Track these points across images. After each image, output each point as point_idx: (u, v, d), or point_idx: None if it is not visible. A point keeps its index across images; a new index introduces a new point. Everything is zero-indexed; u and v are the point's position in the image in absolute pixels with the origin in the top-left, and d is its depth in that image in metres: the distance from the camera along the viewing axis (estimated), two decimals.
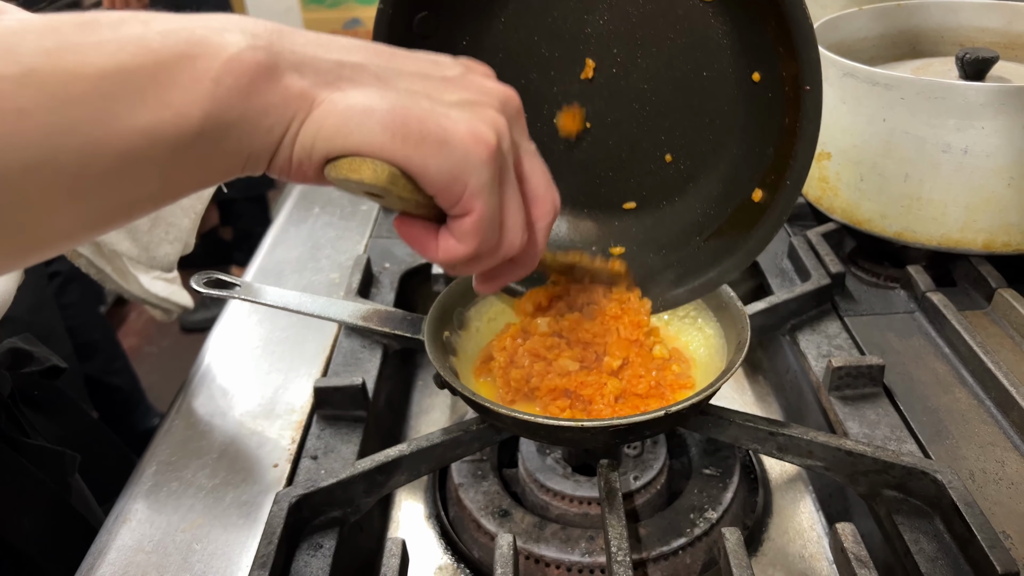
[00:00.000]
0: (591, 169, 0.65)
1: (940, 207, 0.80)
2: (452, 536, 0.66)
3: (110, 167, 0.31)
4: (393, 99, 0.36)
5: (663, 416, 0.53)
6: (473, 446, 0.62)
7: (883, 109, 0.80)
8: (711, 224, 0.63)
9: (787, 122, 0.56)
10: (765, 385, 0.84)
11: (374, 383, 0.73)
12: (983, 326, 0.77)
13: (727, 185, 0.62)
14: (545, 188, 0.44)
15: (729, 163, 0.61)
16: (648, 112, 0.62)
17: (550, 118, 0.64)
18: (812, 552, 0.64)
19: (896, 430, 0.65)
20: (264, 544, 0.53)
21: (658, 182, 0.64)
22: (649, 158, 0.64)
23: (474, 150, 0.38)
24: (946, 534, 0.55)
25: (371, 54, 0.38)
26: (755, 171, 0.60)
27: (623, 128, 0.63)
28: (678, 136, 0.62)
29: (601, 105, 0.63)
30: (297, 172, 0.37)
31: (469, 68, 0.42)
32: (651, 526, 0.60)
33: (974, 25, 0.97)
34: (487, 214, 0.39)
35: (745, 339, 0.59)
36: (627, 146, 0.64)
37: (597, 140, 0.64)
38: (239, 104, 0.33)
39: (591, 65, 0.62)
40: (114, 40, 0.31)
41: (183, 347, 2.80)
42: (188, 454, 0.68)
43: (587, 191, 0.66)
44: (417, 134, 0.36)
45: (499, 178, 0.40)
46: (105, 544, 0.60)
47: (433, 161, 0.37)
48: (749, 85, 0.58)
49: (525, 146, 0.43)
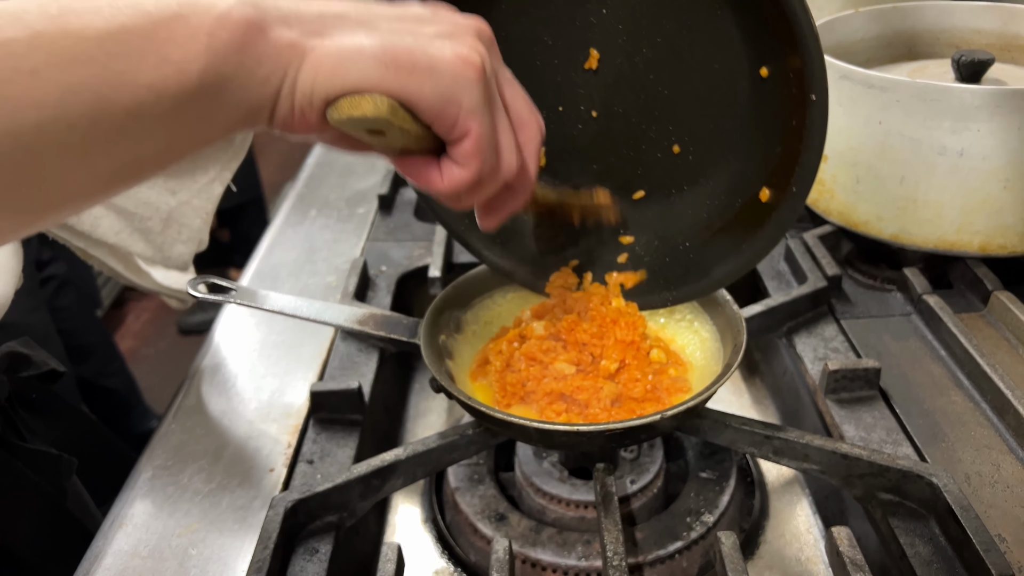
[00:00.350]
0: (599, 159, 0.65)
1: (936, 209, 0.80)
2: (449, 540, 0.66)
3: (118, 123, 0.33)
4: (379, 37, 0.38)
5: (659, 420, 0.53)
6: (469, 450, 0.62)
7: (879, 111, 0.80)
8: (719, 219, 0.63)
9: (794, 124, 0.56)
10: (762, 388, 0.84)
11: (370, 387, 0.73)
12: (979, 328, 0.77)
13: (735, 179, 0.62)
14: (528, 112, 0.45)
15: (737, 157, 0.61)
16: (655, 103, 0.62)
17: (555, 107, 0.64)
18: (808, 555, 0.64)
19: (892, 433, 0.65)
20: (260, 549, 0.53)
21: (666, 173, 0.64)
22: (657, 148, 0.63)
23: (463, 72, 0.40)
24: (941, 537, 0.55)
25: (349, 4, 0.40)
26: (763, 168, 0.60)
27: (630, 118, 0.63)
28: (686, 127, 0.62)
29: (607, 95, 0.63)
30: (301, 121, 0.39)
31: (437, 8, 0.44)
32: (647, 530, 0.60)
33: (970, 27, 0.98)
34: (484, 132, 0.41)
35: (741, 342, 0.59)
36: (634, 136, 0.64)
37: (604, 130, 0.64)
38: (234, 56, 0.35)
39: (595, 55, 0.62)
40: (112, 4, 0.33)
41: (180, 349, 2.80)
42: (184, 458, 0.68)
43: (595, 181, 0.65)
44: (408, 63, 0.38)
45: (488, 99, 0.41)
46: (101, 549, 0.60)
47: (427, 86, 0.39)
48: (757, 80, 0.58)
49: (503, 74, 0.44)
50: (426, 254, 0.93)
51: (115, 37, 0.32)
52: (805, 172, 0.57)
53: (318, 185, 1.17)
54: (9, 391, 0.79)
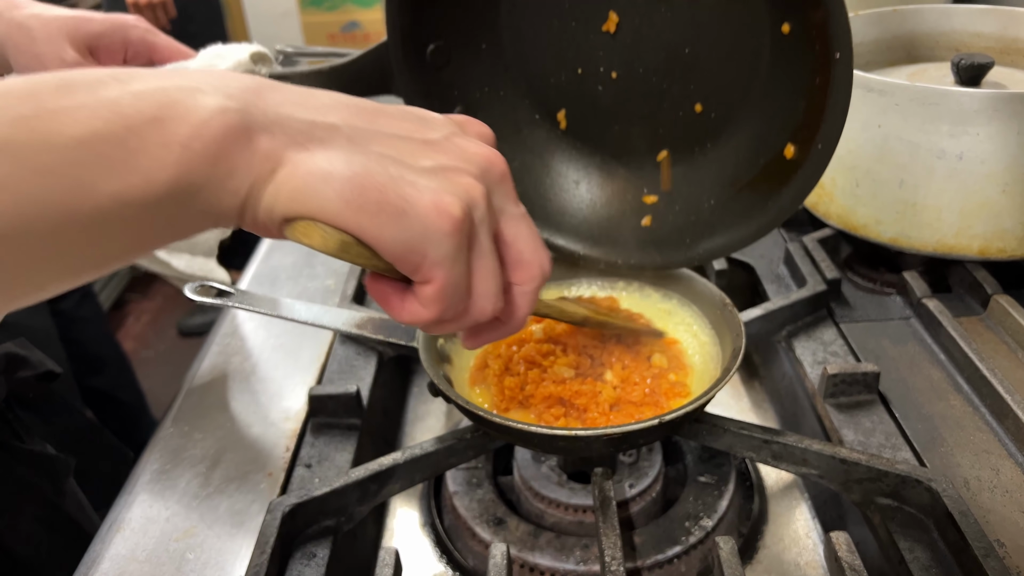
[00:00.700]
0: (621, 120, 0.65)
1: (935, 213, 0.80)
2: (447, 544, 0.66)
3: (81, 230, 0.32)
4: (357, 165, 0.36)
5: (657, 425, 0.53)
6: (467, 454, 0.62)
7: (878, 115, 0.80)
8: (743, 176, 0.63)
9: (818, 82, 0.55)
10: (761, 392, 0.83)
11: (369, 391, 0.73)
12: (978, 332, 0.76)
13: (758, 136, 0.62)
14: (531, 252, 0.42)
15: (760, 114, 0.61)
16: (675, 62, 0.62)
17: (575, 69, 0.64)
18: (807, 560, 0.64)
19: (891, 437, 0.65)
20: (257, 553, 0.53)
21: (689, 132, 0.64)
22: (679, 108, 0.63)
23: (435, 222, 0.37)
24: (940, 542, 0.55)
25: (350, 113, 0.38)
26: (786, 124, 0.59)
27: (651, 79, 0.63)
28: (707, 86, 0.62)
29: (627, 56, 0.63)
30: (263, 229, 0.37)
31: (459, 128, 0.41)
32: (646, 534, 0.60)
33: (969, 30, 0.98)
34: (449, 283, 0.39)
35: (740, 346, 0.59)
36: (656, 96, 0.63)
37: (625, 90, 0.64)
38: (207, 168, 0.33)
39: (614, 18, 0.61)
40: (89, 105, 0.31)
41: (180, 351, 2.80)
42: (182, 462, 0.68)
43: (618, 142, 0.65)
44: (374, 204, 0.36)
45: (467, 247, 0.39)
46: (99, 552, 0.60)
47: (388, 232, 0.36)
48: (778, 36, 0.57)
49: (510, 211, 0.42)
50: None
51: (86, 145, 0.31)
52: (830, 130, 0.56)
53: None
54: (6, 391, 0.79)
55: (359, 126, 0.37)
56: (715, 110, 0.62)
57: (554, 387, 0.60)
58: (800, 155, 0.59)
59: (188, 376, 0.80)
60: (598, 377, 0.62)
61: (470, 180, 0.39)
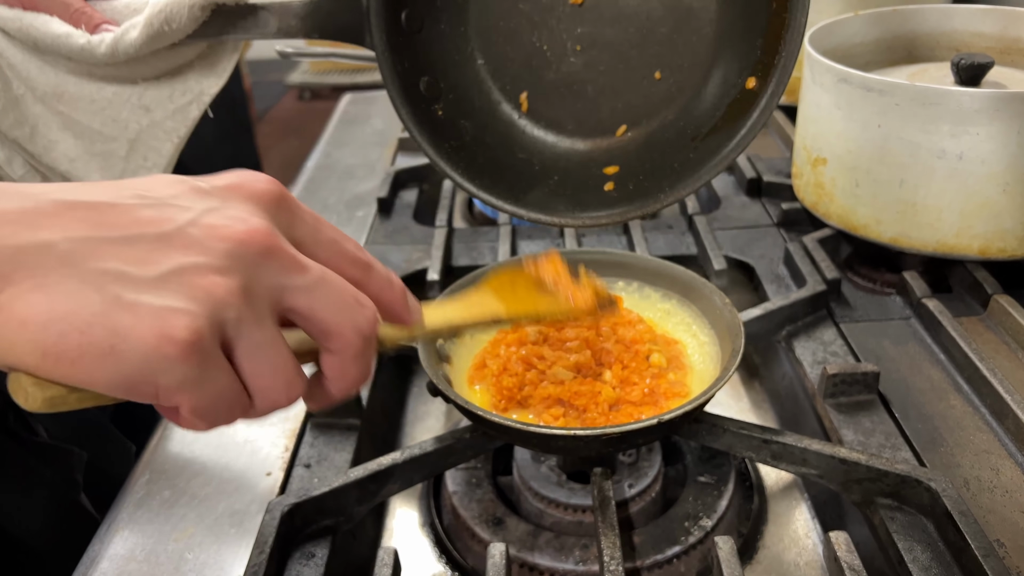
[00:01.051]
0: (582, 93, 0.66)
1: (935, 213, 0.80)
2: (446, 544, 0.66)
3: None
4: (61, 301, 0.31)
5: (656, 425, 0.53)
6: (466, 454, 0.62)
7: (878, 115, 0.80)
8: (706, 125, 0.63)
9: (775, 6, 0.57)
10: (761, 392, 0.83)
11: (368, 391, 0.73)
12: (979, 332, 0.76)
13: (718, 87, 0.63)
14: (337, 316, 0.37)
15: (718, 67, 0.62)
16: (636, 31, 0.64)
17: (541, 47, 0.65)
18: (807, 560, 0.64)
19: (891, 437, 0.65)
20: (256, 553, 0.53)
21: (650, 99, 0.65)
22: (639, 77, 0.65)
23: (158, 351, 0.32)
24: (940, 543, 0.55)
25: (73, 220, 0.33)
26: (745, 65, 0.60)
27: (613, 51, 0.64)
28: (666, 52, 0.64)
29: (591, 28, 0.64)
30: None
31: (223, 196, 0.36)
32: (645, 534, 0.60)
33: (969, 30, 0.97)
34: (202, 403, 0.34)
35: (739, 346, 0.59)
36: (617, 68, 0.65)
37: (587, 64, 0.65)
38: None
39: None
40: None
41: None
42: (181, 462, 0.68)
43: (579, 117, 0.66)
44: (74, 350, 0.31)
45: (214, 360, 0.34)
46: (97, 553, 0.60)
47: (99, 375, 0.32)
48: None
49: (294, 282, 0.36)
50: (425, 257, 0.93)
51: None
52: (791, 45, 0.57)
53: (317, 188, 1.17)
54: None
55: (79, 236, 0.32)
56: (675, 75, 0.63)
57: (553, 387, 0.60)
58: (761, 84, 0.59)
59: None
60: (597, 377, 0.61)
61: (213, 279, 0.33)
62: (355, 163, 1.25)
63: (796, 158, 0.96)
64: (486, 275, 0.59)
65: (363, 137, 1.35)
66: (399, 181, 1.12)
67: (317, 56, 0.99)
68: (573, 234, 0.94)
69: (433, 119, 0.63)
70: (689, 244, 0.95)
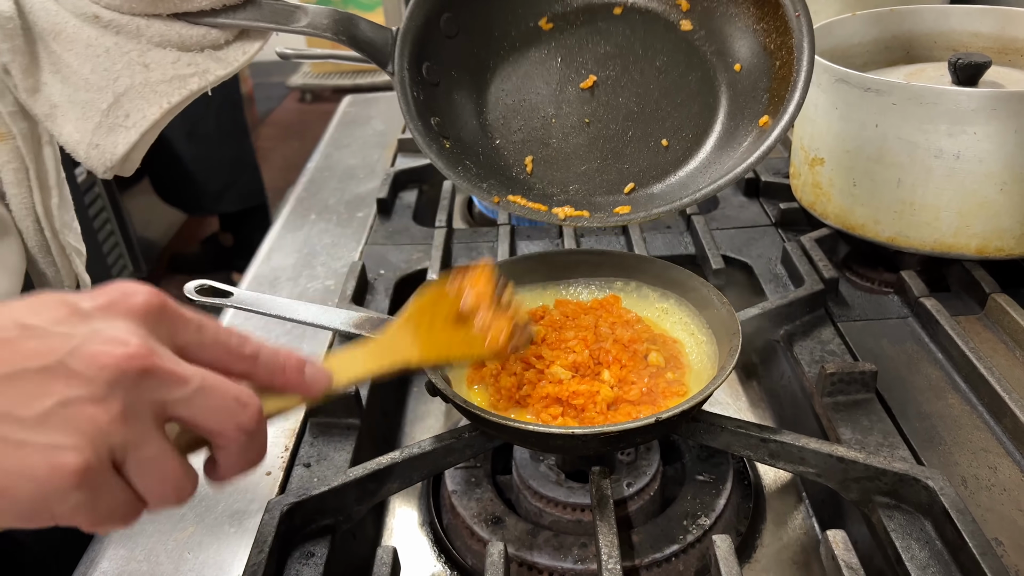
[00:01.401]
0: (588, 160, 0.67)
1: (933, 212, 0.80)
2: (445, 543, 0.66)
3: None
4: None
5: (654, 423, 0.53)
6: (465, 453, 0.62)
7: (875, 115, 0.80)
8: (715, 169, 0.64)
9: (778, 65, 0.61)
10: (759, 391, 0.84)
11: (367, 391, 0.73)
12: (976, 331, 0.77)
13: (726, 140, 0.64)
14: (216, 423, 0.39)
15: (725, 126, 0.65)
16: (643, 110, 0.66)
17: (550, 118, 0.67)
18: (806, 559, 0.64)
19: (889, 436, 0.65)
20: (255, 552, 0.53)
21: (657, 164, 0.66)
22: (646, 146, 0.67)
23: (50, 486, 0.33)
24: (938, 541, 0.55)
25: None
26: (753, 119, 0.62)
27: (620, 124, 0.67)
28: (674, 124, 0.66)
29: (599, 108, 0.67)
30: None
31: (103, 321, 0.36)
32: (644, 533, 0.60)
33: (967, 30, 0.98)
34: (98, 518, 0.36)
35: (737, 345, 0.59)
36: (625, 139, 0.67)
37: (596, 136, 0.67)
38: None
39: (592, 79, 0.66)
40: None
41: None
42: None
43: (586, 179, 0.67)
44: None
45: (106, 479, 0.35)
46: (97, 553, 0.60)
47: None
48: (734, 73, 0.64)
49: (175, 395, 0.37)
50: (424, 257, 0.93)
51: None
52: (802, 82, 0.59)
53: (318, 189, 1.17)
54: None
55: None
56: (682, 141, 0.66)
57: (551, 387, 0.60)
58: (773, 119, 0.61)
59: None
60: (595, 376, 0.62)
61: (94, 411, 0.34)
62: (355, 164, 1.25)
63: (794, 158, 0.96)
64: (414, 297, 0.59)
65: (363, 138, 1.35)
66: (399, 182, 1.12)
67: (317, 58, 0.99)
68: (572, 234, 0.94)
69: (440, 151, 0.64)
70: (687, 244, 0.95)
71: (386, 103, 1.50)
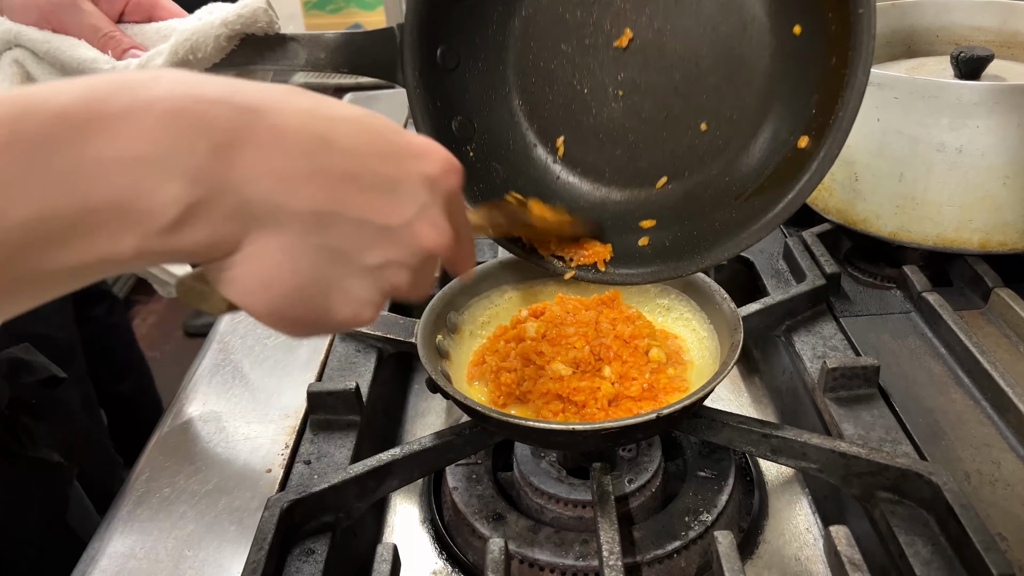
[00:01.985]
0: (622, 141, 0.63)
1: (935, 207, 0.80)
2: (446, 540, 0.66)
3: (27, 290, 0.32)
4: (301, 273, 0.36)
5: (655, 419, 0.53)
6: (466, 450, 0.62)
7: (877, 109, 0.80)
8: (751, 183, 0.60)
9: (834, 62, 0.54)
10: (761, 387, 0.83)
11: (368, 387, 0.72)
12: (979, 326, 0.76)
13: (767, 144, 0.59)
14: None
15: (769, 122, 0.59)
16: (682, 79, 0.60)
17: (581, 89, 0.63)
18: (808, 555, 0.64)
19: (891, 431, 0.65)
20: (255, 550, 0.53)
21: (693, 152, 0.62)
22: (683, 127, 0.62)
23: (343, 327, 0.40)
24: (941, 536, 0.54)
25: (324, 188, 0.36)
26: (797, 124, 0.57)
27: (657, 97, 0.62)
28: (713, 102, 0.60)
29: (635, 73, 0.61)
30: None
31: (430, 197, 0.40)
32: (645, 529, 0.60)
33: (969, 24, 0.97)
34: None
35: (738, 341, 0.59)
36: (660, 117, 0.62)
37: (629, 111, 0.62)
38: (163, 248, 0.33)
39: (628, 34, 0.61)
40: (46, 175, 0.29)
41: (186, 352, 2.79)
42: (181, 460, 0.68)
43: (617, 165, 0.63)
44: (295, 317, 0.37)
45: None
46: (97, 550, 0.60)
47: (295, 332, 0.39)
48: (789, 40, 0.57)
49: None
50: None
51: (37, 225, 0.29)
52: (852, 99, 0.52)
53: None
54: (9, 397, 0.80)
55: (325, 210, 0.36)
56: (721, 127, 0.60)
57: (552, 383, 0.60)
58: (814, 144, 0.56)
59: (188, 374, 0.80)
60: (596, 373, 0.61)
61: (404, 276, 0.40)
62: None
63: None
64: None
65: None
66: None
67: None
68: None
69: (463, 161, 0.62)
70: None
71: (387, 100, 1.50)
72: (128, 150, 0.31)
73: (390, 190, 0.38)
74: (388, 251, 0.39)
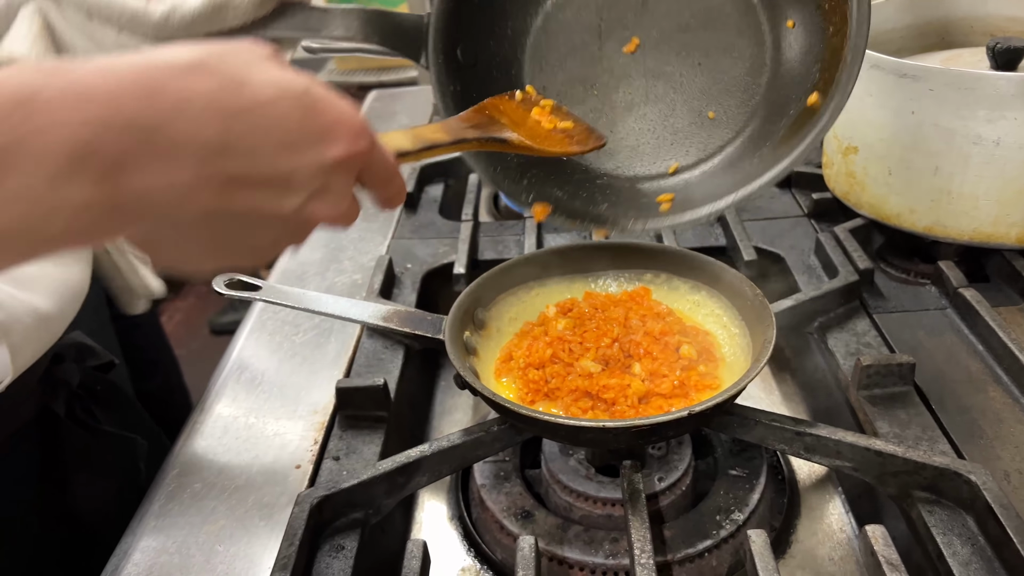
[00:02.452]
0: (631, 135, 0.66)
1: (971, 200, 0.78)
2: (475, 537, 0.65)
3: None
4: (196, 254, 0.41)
5: (686, 417, 0.52)
6: (494, 447, 0.62)
7: (911, 101, 0.78)
8: (760, 151, 0.63)
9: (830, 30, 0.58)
10: (793, 384, 0.82)
11: (396, 384, 0.72)
12: (1018, 322, 0.74)
13: (773, 117, 0.63)
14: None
15: (772, 101, 0.63)
16: (688, 77, 0.65)
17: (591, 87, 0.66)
18: (842, 555, 0.63)
19: (928, 430, 0.63)
20: (286, 545, 0.53)
21: (703, 139, 0.65)
22: (692, 118, 0.66)
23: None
24: (980, 536, 0.53)
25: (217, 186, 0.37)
26: (801, 92, 0.61)
27: (664, 95, 0.66)
28: (718, 93, 0.64)
29: (643, 73, 0.66)
30: None
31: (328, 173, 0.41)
32: (676, 528, 0.59)
33: (1004, 14, 0.95)
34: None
35: (771, 338, 0.58)
36: (669, 113, 0.66)
37: (639, 112, 0.66)
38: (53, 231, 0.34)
39: (635, 41, 0.65)
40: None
41: (212, 349, 2.81)
42: (211, 456, 0.68)
43: (630, 164, 0.66)
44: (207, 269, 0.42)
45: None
46: (129, 545, 0.61)
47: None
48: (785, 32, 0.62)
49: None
50: (451, 251, 0.93)
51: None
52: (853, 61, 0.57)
53: None
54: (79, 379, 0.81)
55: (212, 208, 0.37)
56: (728, 113, 0.64)
57: (581, 380, 0.60)
58: (823, 98, 0.59)
59: (217, 371, 0.80)
60: (626, 370, 0.61)
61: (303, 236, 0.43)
62: None
63: (826, 147, 0.94)
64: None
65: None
66: (425, 176, 1.12)
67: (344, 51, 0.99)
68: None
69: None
70: (718, 235, 0.93)
71: (412, 97, 1.50)
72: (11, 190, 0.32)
73: (281, 184, 0.39)
74: (277, 232, 0.41)
